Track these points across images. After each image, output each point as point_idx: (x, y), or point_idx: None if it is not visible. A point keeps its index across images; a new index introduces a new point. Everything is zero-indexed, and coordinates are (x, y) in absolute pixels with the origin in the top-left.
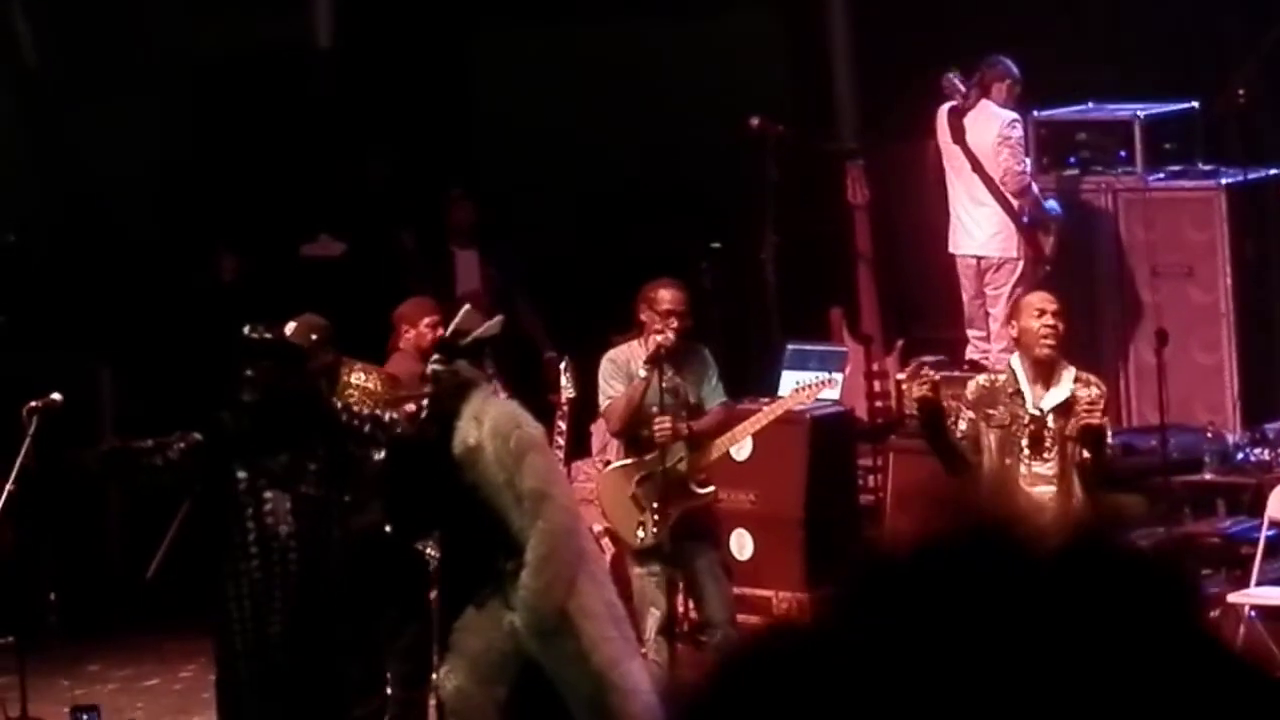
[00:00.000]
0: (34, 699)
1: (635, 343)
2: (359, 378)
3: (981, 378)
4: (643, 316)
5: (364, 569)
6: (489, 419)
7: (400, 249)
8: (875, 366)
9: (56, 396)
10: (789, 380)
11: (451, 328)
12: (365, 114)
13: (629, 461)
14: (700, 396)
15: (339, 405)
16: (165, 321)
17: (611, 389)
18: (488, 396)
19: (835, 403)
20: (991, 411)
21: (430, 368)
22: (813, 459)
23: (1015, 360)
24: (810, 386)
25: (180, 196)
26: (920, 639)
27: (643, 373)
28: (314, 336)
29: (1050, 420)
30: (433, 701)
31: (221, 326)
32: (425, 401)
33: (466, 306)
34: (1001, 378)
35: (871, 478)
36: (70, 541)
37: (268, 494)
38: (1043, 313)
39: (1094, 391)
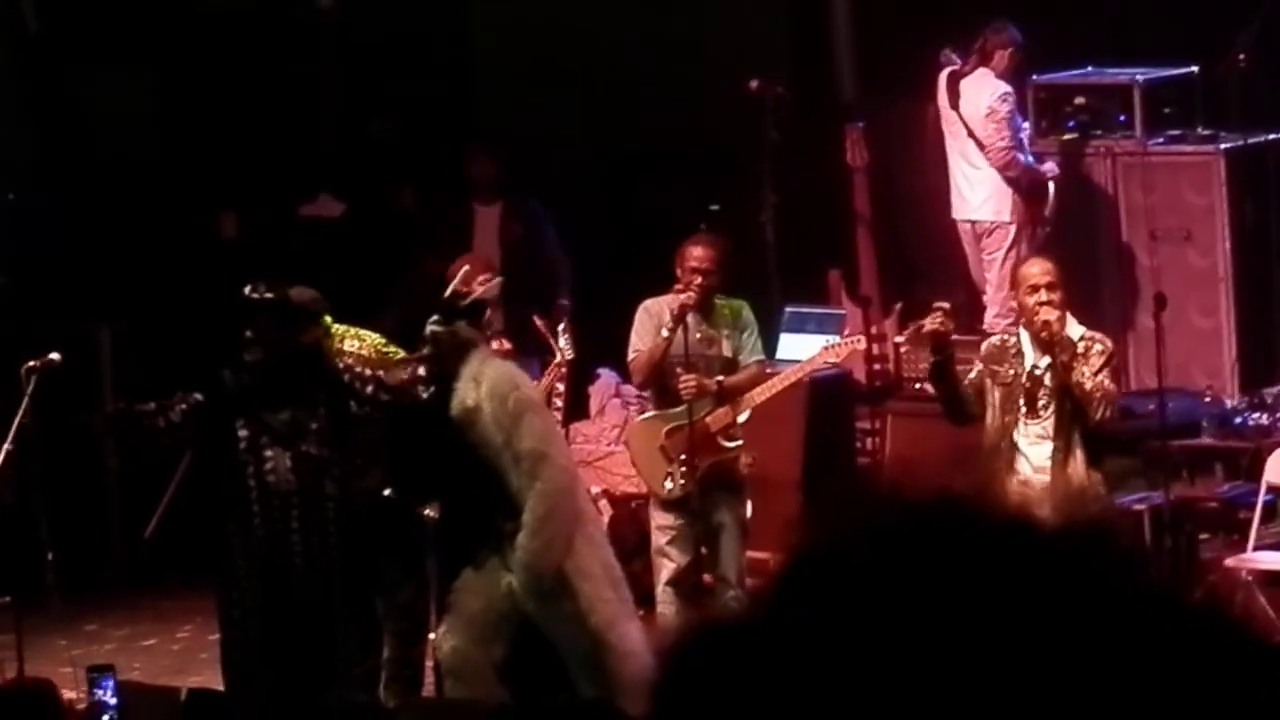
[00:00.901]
0: (31, 659)
1: (671, 296)
2: (353, 344)
3: (995, 337)
4: (677, 273)
5: (362, 528)
6: (487, 380)
7: (400, 208)
8: (874, 329)
9: (55, 356)
10: (787, 343)
11: (449, 288)
12: (367, 72)
13: (659, 413)
14: (735, 352)
15: (341, 365)
16: (165, 281)
17: (639, 340)
18: (486, 358)
19: (834, 365)
20: (998, 369)
21: (429, 329)
22: (811, 421)
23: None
24: (840, 345)
25: (180, 156)
26: (852, 623)
27: (665, 332)
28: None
29: (1047, 379)
30: (430, 662)
31: (221, 286)
32: (425, 362)
33: (465, 267)
34: (1011, 338)
35: (869, 440)
36: (68, 501)
37: (269, 452)
38: (1036, 288)
39: (1097, 347)
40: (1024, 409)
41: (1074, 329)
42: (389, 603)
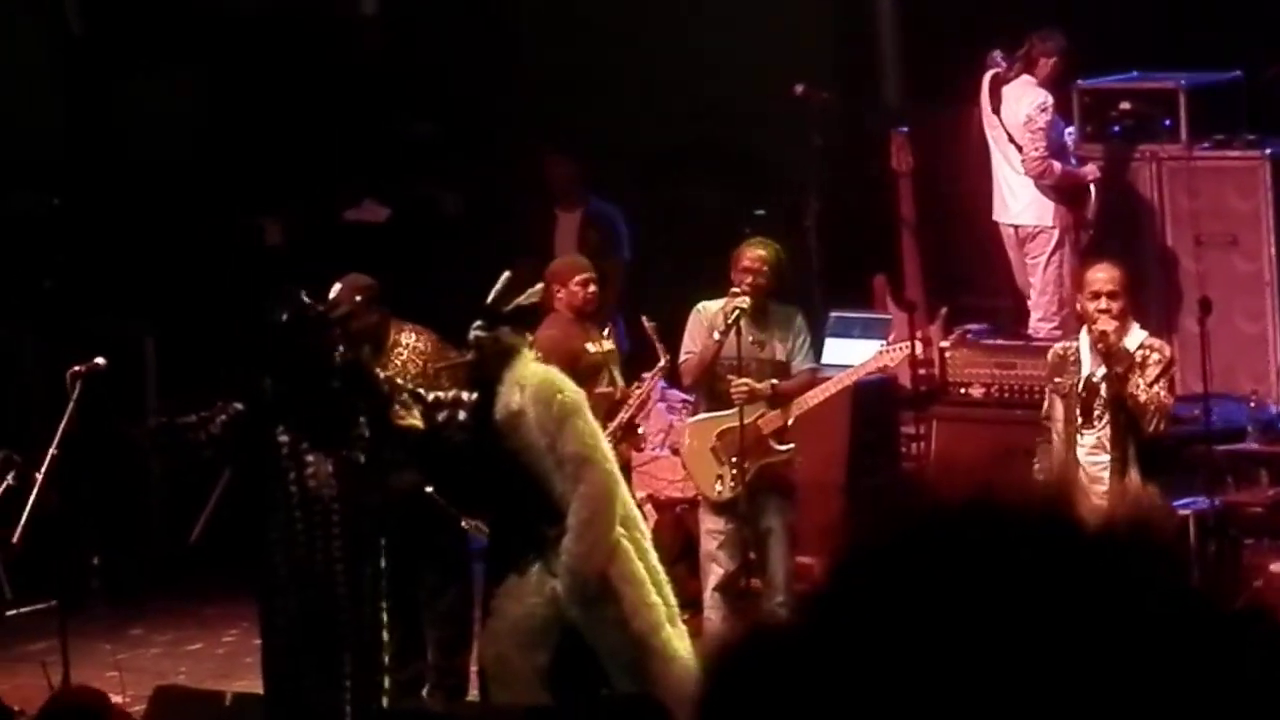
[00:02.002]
0: (76, 663)
1: (724, 300)
2: (409, 337)
3: (1058, 346)
4: (732, 276)
5: (404, 533)
6: (531, 384)
7: (444, 214)
8: (919, 334)
9: (100, 361)
10: (832, 348)
11: (493, 294)
12: (411, 78)
13: (711, 415)
14: (787, 356)
15: (381, 374)
16: (209, 287)
17: (691, 343)
18: (529, 362)
19: (879, 370)
20: (1059, 379)
21: (472, 334)
22: (855, 426)
23: (1085, 328)
24: (894, 350)
25: (224, 161)
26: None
27: (716, 334)
28: (359, 297)
29: (1103, 389)
30: (474, 668)
31: (265, 292)
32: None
33: (508, 274)
34: (1071, 346)
35: (914, 445)
36: (113, 505)
37: (310, 457)
38: (1098, 295)
39: (1155, 356)
40: (1080, 419)
41: (1134, 336)
42: (432, 610)
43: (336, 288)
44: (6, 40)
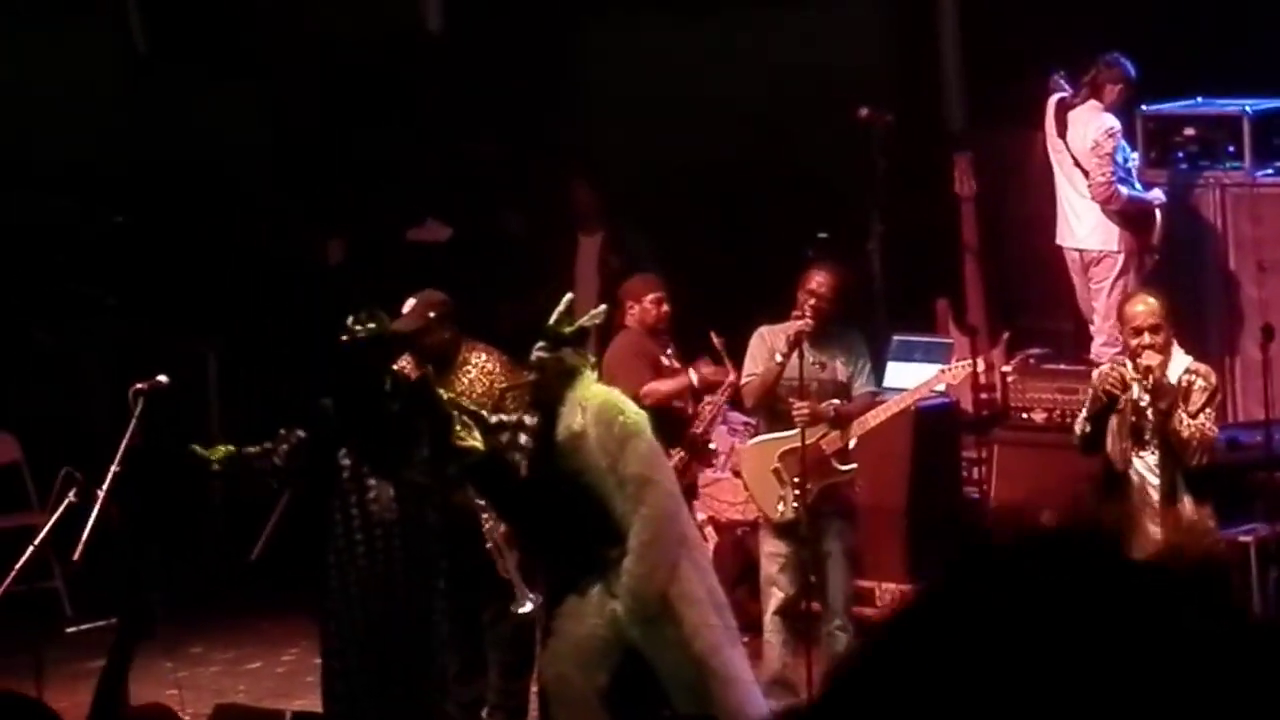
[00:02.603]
0: (137, 680)
1: (787, 323)
2: (479, 358)
3: (1105, 365)
4: (799, 296)
5: (467, 555)
6: (592, 405)
7: (507, 234)
8: (981, 358)
9: (163, 378)
10: (894, 371)
11: (555, 315)
12: (474, 98)
13: (772, 436)
14: (849, 379)
15: (445, 396)
16: (272, 305)
17: (753, 366)
18: (591, 383)
19: (941, 394)
20: (1111, 388)
21: (535, 355)
22: (917, 450)
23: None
24: (956, 368)
25: (288, 180)
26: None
27: (779, 356)
28: (432, 313)
29: (1149, 413)
30: (534, 689)
31: (327, 310)
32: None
33: (570, 295)
34: (1120, 365)
35: (976, 470)
36: (175, 523)
37: (371, 480)
38: (1139, 330)
39: (1199, 383)
40: (1132, 441)
41: (1177, 362)
42: (494, 632)
43: (410, 303)
44: (73, 57)
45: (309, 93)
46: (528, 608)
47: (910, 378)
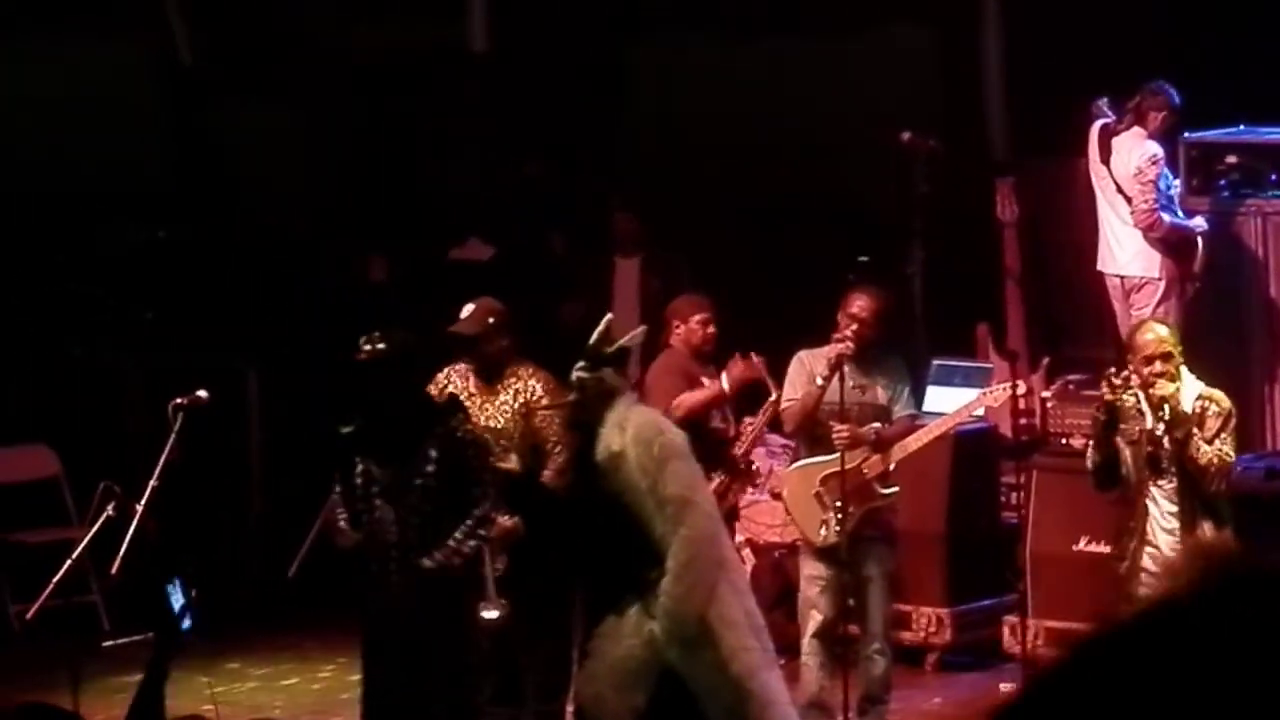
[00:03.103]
0: (173, 695)
1: (827, 347)
2: (525, 372)
3: (1103, 386)
4: (839, 319)
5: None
6: (632, 425)
7: (550, 254)
8: (1020, 384)
9: (203, 394)
10: (934, 396)
11: (596, 336)
12: (519, 118)
13: (813, 460)
14: (889, 402)
15: (455, 422)
16: (313, 322)
17: (793, 390)
18: (631, 404)
19: (980, 419)
20: (1124, 426)
21: (575, 375)
22: (956, 474)
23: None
24: (997, 389)
25: (331, 197)
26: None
27: (819, 379)
28: (491, 319)
29: (1165, 442)
30: (570, 708)
31: (368, 328)
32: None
33: (610, 316)
34: (1128, 396)
35: (1014, 495)
36: (212, 539)
37: (377, 503)
38: (1150, 359)
39: (1213, 409)
40: (1149, 471)
41: (1190, 389)
42: (530, 653)
43: (469, 308)
44: (116, 69)
45: (353, 109)
46: (494, 614)
47: (950, 402)
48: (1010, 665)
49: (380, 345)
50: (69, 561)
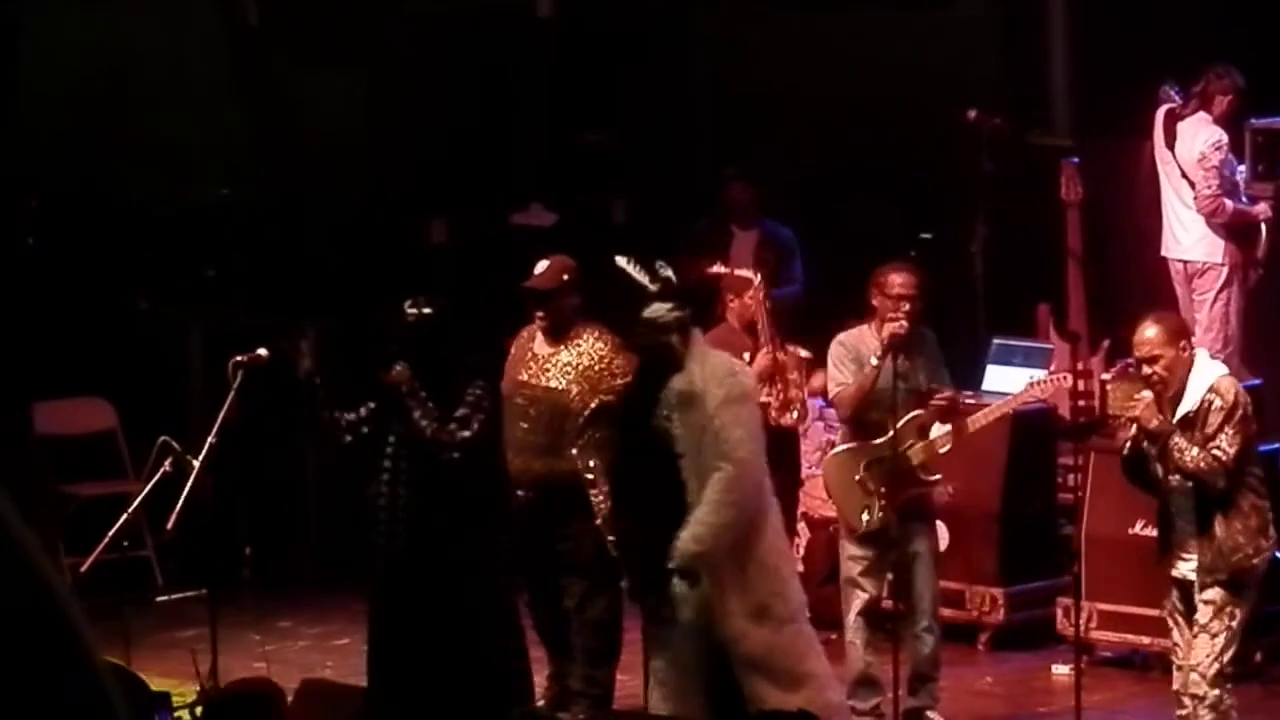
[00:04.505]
0: (224, 652)
1: (866, 327)
2: (592, 335)
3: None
4: (874, 301)
5: (546, 542)
6: (708, 365)
7: (611, 221)
8: (1080, 365)
9: (263, 352)
10: (994, 375)
11: (637, 280)
12: (583, 85)
13: (856, 445)
14: (930, 380)
15: (481, 381)
16: (372, 283)
17: (841, 374)
18: (703, 343)
19: (1038, 399)
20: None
21: (648, 313)
22: (1013, 454)
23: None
24: (1046, 381)
25: (393, 159)
26: None
27: (874, 360)
28: (566, 276)
29: (1177, 435)
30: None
31: (426, 291)
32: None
33: (662, 262)
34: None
35: (1071, 477)
36: (267, 497)
37: (404, 464)
38: (1140, 361)
39: (1216, 403)
40: (1159, 466)
41: (1201, 379)
42: (579, 619)
43: (544, 264)
44: (182, 29)
45: (417, 73)
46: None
47: (1009, 381)
48: (1063, 647)
49: (428, 310)
50: (124, 516)
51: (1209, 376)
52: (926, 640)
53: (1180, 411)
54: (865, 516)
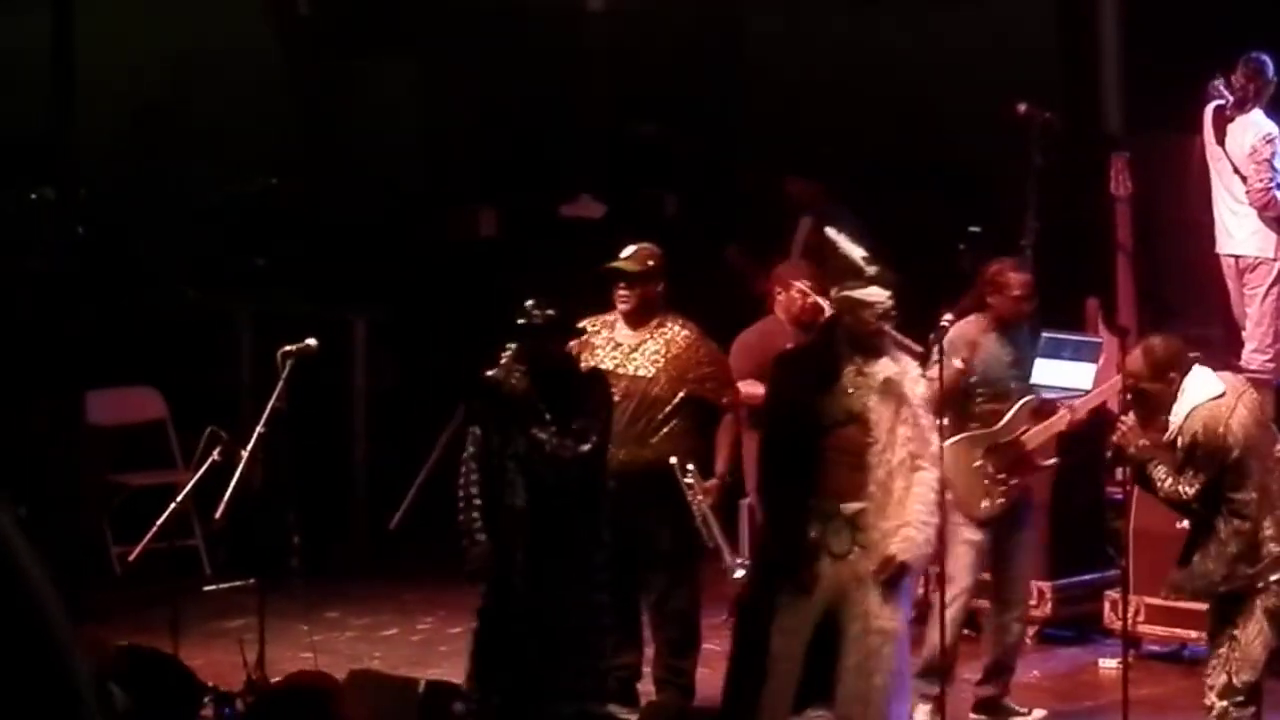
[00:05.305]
0: (272, 641)
1: (976, 318)
2: (676, 324)
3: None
4: (990, 299)
5: (627, 533)
6: (903, 360)
7: (661, 214)
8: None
9: (312, 342)
10: (1042, 368)
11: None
12: (634, 78)
13: (971, 434)
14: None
15: (598, 384)
16: (421, 273)
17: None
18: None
19: (1086, 392)
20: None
21: (838, 295)
22: (1061, 447)
23: None
24: (1078, 407)
25: (443, 149)
26: None
27: (958, 363)
28: (651, 262)
29: (1153, 463)
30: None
31: (475, 281)
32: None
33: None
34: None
35: (1119, 470)
36: (316, 487)
37: (510, 464)
38: (1123, 391)
39: (1179, 440)
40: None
41: (1179, 411)
42: (661, 611)
43: (631, 249)
44: (233, 17)
45: (467, 64)
46: (740, 573)
47: (1058, 375)
48: (1110, 641)
49: (550, 311)
50: (173, 505)
51: (1185, 409)
52: (1014, 630)
53: (1166, 438)
54: (985, 503)
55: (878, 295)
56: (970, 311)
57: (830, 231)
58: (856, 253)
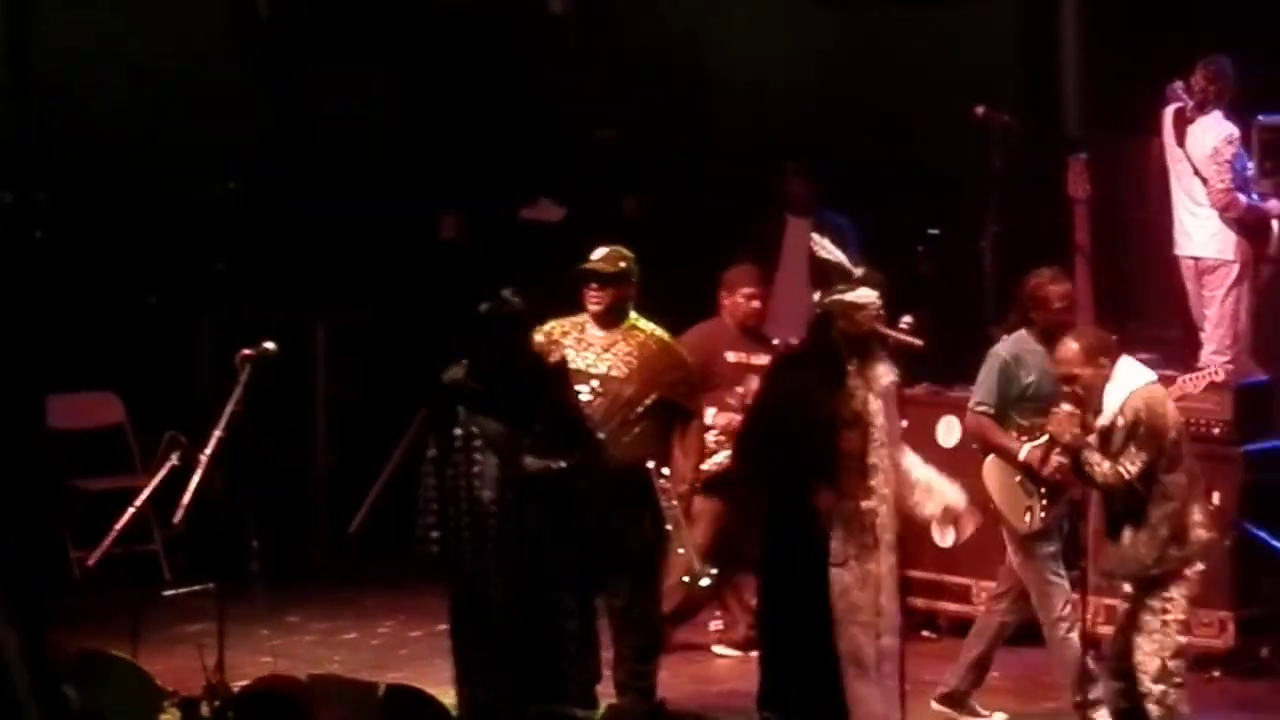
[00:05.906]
0: (232, 646)
1: (1024, 334)
2: (647, 326)
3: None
4: (1033, 315)
5: (587, 538)
6: (886, 362)
7: (620, 216)
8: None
9: (270, 346)
10: None
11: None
12: (595, 80)
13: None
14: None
15: (564, 389)
16: (382, 278)
17: (989, 396)
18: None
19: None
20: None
21: (825, 300)
22: None
23: None
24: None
25: (403, 152)
26: None
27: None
28: (623, 264)
29: (1088, 450)
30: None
31: (437, 285)
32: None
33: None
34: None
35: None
36: (277, 491)
37: (478, 456)
38: (1060, 380)
39: (1120, 421)
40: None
41: (1116, 394)
42: (627, 617)
43: (602, 250)
44: (191, 21)
45: (427, 68)
46: (707, 581)
47: None
48: None
49: (514, 300)
50: (131, 509)
51: (1122, 393)
52: (1072, 640)
53: (1099, 424)
54: (1028, 518)
55: (868, 296)
56: (1017, 328)
57: (814, 237)
58: (840, 256)
